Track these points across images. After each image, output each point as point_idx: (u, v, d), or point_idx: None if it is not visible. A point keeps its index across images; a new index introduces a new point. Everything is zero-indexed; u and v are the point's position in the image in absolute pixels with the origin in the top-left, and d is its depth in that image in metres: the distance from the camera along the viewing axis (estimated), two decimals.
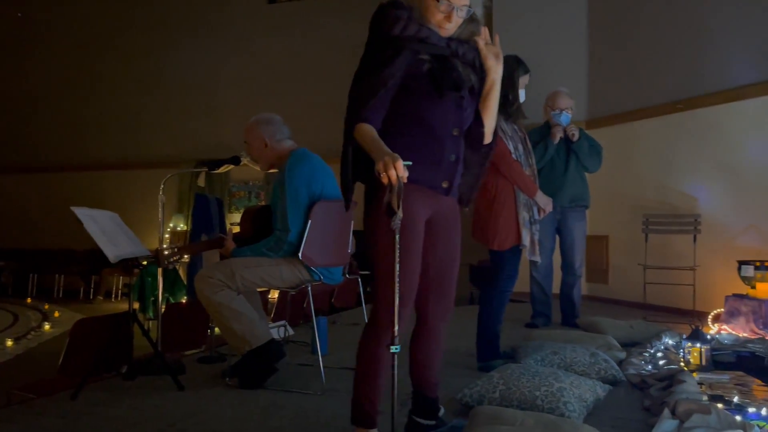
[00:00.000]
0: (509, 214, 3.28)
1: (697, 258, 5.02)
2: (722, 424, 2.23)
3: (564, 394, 2.41)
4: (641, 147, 5.89)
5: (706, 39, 5.27)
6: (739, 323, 4.37)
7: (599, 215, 6.29)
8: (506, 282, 3.33)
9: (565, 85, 4.77)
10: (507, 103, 3.29)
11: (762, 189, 4.79)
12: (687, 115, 5.42)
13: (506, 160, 3.28)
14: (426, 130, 1.99)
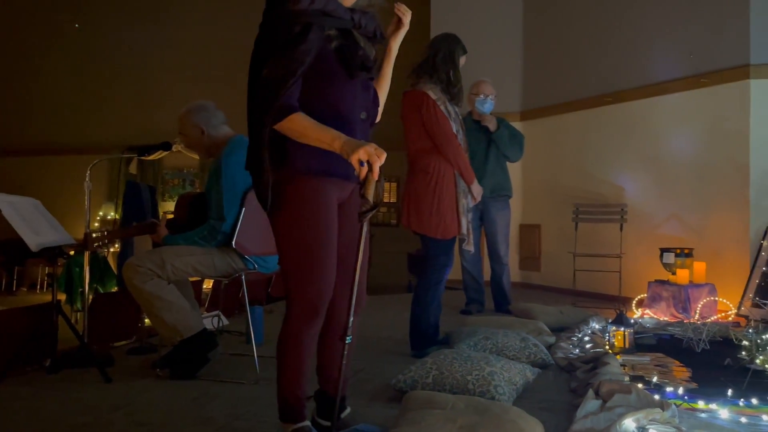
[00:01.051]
0: (451, 200, 3.22)
1: (623, 246, 5.23)
2: (642, 403, 2.34)
3: (495, 378, 2.47)
4: (572, 139, 6.08)
5: (634, 36, 5.47)
6: (660, 308, 4.59)
7: (532, 205, 6.48)
8: (441, 271, 3.30)
9: (501, 78, 4.86)
10: (449, 81, 3.27)
11: (683, 180, 5.03)
12: (615, 108, 5.63)
13: (453, 144, 3.22)
14: (336, 115, 1.85)
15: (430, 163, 3.22)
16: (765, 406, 2.45)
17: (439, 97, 3.24)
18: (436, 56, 3.28)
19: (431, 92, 3.23)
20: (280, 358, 1.91)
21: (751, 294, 4.32)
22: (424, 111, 3.20)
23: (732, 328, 3.87)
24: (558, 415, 2.39)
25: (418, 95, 3.25)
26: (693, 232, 4.94)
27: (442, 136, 3.20)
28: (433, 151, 3.23)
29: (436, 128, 3.20)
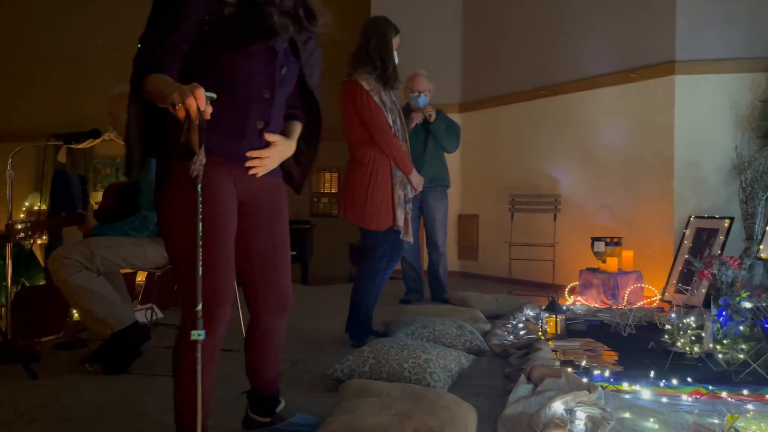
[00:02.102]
0: (386, 192, 3.22)
1: (556, 235, 5.39)
2: (570, 386, 2.43)
3: (430, 365, 2.51)
4: (509, 131, 6.20)
5: (568, 31, 5.62)
6: (591, 295, 4.76)
7: (470, 195, 6.59)
8: (380, 262, 3.30)
9: (439, 70, 4.90)
10: (384, 68, 3.24)
11: (614, 172, 5.22)
12: (550, 102, 5.77)
13: (387, 135, 3.21)
14: (228, 89, 1.64)
15: (366, 154, 3.22)
16: (684, 387, 2.58)
17: (373, 87, 3.22)
18: (368, 43, 3.26)
19: (365, 82, 3.21)
20: (175, 370, 1.71)
21: (674, 280, 4.53)
22: (358, 102, 3.19)
23: (656, 313, 4.05)
24: (492, 399, 2.45)
25: (353, 86, 3.23)
26: (622, 222, 5.14)
27: (377, 128, 3.20)
28: (369, 142, 3.23)
29: (370, 119, 3.19)
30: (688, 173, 4.72)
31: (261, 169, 1.77)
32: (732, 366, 2.81)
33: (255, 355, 1.96)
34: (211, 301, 1.64)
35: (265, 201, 1.82)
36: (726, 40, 4.65)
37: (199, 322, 1.49)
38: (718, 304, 3.36)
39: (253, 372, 2.00)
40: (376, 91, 3.23)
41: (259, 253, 1.82)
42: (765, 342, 2.93)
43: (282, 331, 1.97)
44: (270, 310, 1.88)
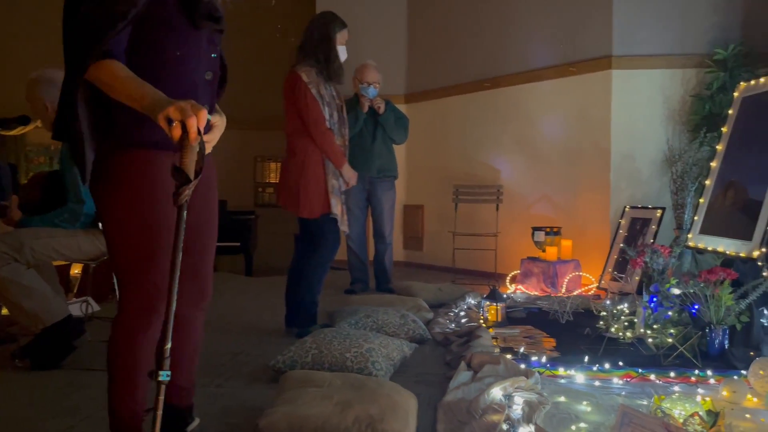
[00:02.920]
0: (318, 181, 3.27)
1: (499, 225, 5.50)
2: (509, 372, 2.49)
3: (372, 355, 2.52)
4: (453, 122, 6.27)
5: (510, 24, 5.71)
6: (531, 283, 4.88)
7: (415, 186, 6.64)
8: (332, 251, 3.33)
9: (385, 61, 4.90)
10: (327, 62, 3.27)
11: (554, 163, 5.35)
12: (492, 93, 5.86)
13: (320, 128, 3.26)
14: (175, 73, 1.58)
15: (299, 144, 3.28)
16: (616, 370, 2.68)
17: (312, 81, 3.25)
18: (312, 37, 3.30)
19: (305, 75, 3.24)
20: (111, 365, 1.63)
21: (610, 269, 4.69)
22: (296, 93, 3.24)
23: (593, 300, 4.19)
24: (432, 387, 2.49)
25: (292, 78, 3.27)
26: (561, 212, 5.28)
27: (310, 120, 3.24)
28: (303, 132, 3.28)
29: (305, 111, 3.23)
30: (624, 165, 4.88)
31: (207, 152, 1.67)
32: (661, 350, 2.93)
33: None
34: (153, 294, 1.58)
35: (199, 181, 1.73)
36: (659, 37, 4.82)
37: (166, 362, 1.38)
38: (649, 291, 3.50)
39: None
40: (315, 84, 3.26)
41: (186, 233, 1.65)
42: (692, 327, 3.07)
43: (199, 329, 1.81)
44: (188, 299, 1.71)
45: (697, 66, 4.69)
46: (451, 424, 2.07)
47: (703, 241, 3.57)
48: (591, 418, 2.17)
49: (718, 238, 3.43)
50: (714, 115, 4.43)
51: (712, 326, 2.94)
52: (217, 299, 4.46)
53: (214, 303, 4.23)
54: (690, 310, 3.12)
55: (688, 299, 3.09)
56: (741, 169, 3.46)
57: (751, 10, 4.67)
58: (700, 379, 2.62)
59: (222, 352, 3.00)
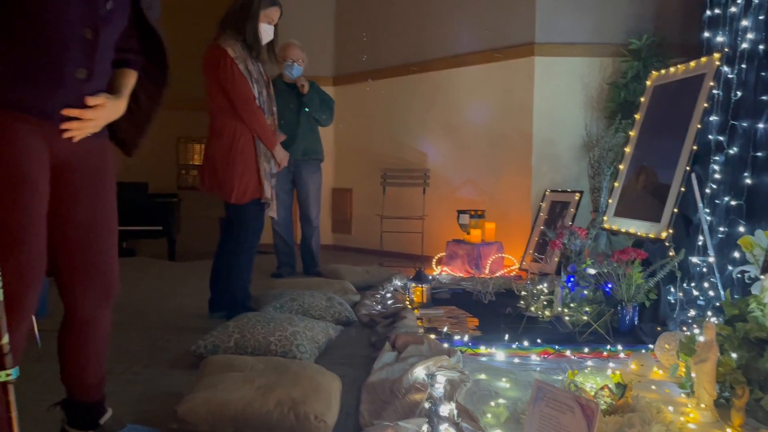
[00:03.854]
0: (249, 164, 3.09)
1: (425, 208, 5.56)
2: (432, 352, 2.54)
3: (297, 338, 2.51)
4: (381, 105, 6.27)
5: (437, 8, 5.74)
6: (456, 265, 4.98)
7: (344, 169, 6.62)
8: (256, 236, 3.20)
9: (313, 42, 4.82)
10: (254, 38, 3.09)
11: (478, 148, 5.45)
12: (419, 78, 5.90)
13: (250, 107, 3.07)
14: (34, 26, 1.34)
15: (226, 124, 3.08)
16: (534, 347, 2.78)
17: (239, 55, 3.06)
18: (236, 10, 3.11)
19: (231, 49, 3.05)
20: None
21: (531, 250, 4.84)
22: (221, 69, 3.02)
23: (514, 280, 4.32)
24: (357, 368, 2.50)
25: (217, 52, 3.06)
26: (485, 195, 5.39)
27: (239, 98, 3.05)
28: (230, 111, 3.08)
29: (233, 88, 3.03)
30: (545, 150, 5.03)
31: (79, 132, 1.47)
32: (576, 327, 3.06)
33: (72, 355, 1.64)
34: (16, 283, 1.34)
35: (86, 167, 1.53)
36: (579, 26, 4.97)
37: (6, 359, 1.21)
38: (567, 271, 3.64)
39: (70, 376, 1.66)
40: (242, 59, 3.07)
41: (78, 229, 1.53)
42: (605, 304, 3.21)
43: (106, 325, 1.66)
44: (90, 299, 1.58)
45: (614, 55, 4.87)
46: (375, 404, 2.09)
47: (617, 223, 3.74)
48: (509, 394, 2.24)
49: (631, 220, 3.59)
50: (629, 103, 4.63)
51: (623, 304, 3.09)
52: (137, 284, 4.33)
53: (134, 288, 4.12)
54: (604, 289, 3.27)
55: (602, 278, 3.23)
56: (652, 155, 3.64)
57: (663, 2, 4.89)
58: (611, 354, 2.75)
59: (140, 339, 2.91)
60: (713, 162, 3.73)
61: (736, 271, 2.98)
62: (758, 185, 3.36)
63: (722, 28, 3.82)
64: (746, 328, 2.15)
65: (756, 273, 2.62)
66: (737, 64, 3.61)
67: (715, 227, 3.63)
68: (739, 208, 3.47)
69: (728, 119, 3.63)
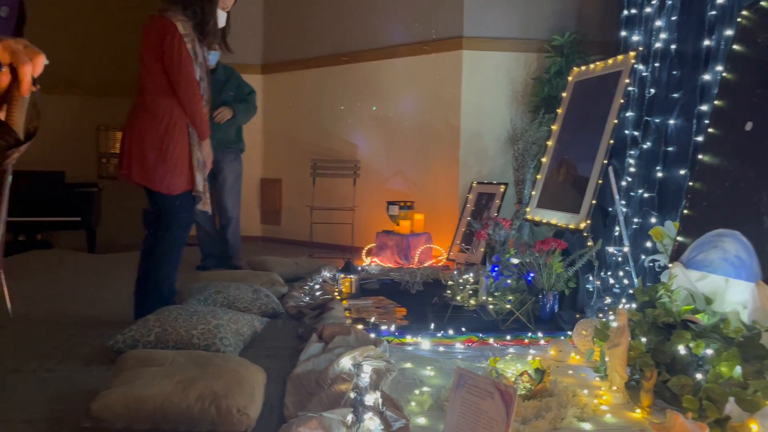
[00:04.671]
0: (184, 151, 2.85)
1: (356, 199, 5.57)
2: (359, 342, 2.55)
3: (221, 331, 2.46)
4: (311, 95, 6.21)
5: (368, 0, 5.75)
6: (386, 255, 5.01)
7: (273, 160, 6.52)
8: (186, 230, 2.99)
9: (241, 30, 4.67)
10: (204, 18, 2.85)
11: (408, 139, 5.49)
12: (350, 68, 5.88)
13: (192, 90, 2.80)
14: None
15: (161, 104, 2.81)
16: (459, 336, 2.84)
17: (188, 33, 2.81)
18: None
19: (181, 25, 2.79)
20: None
21: (458, 241, 4.93)
22: (167, 44, 2.75)
23: (442, 271, 4.39)
24: (283, 360, 2.48)
25: (165, 24, 2.77)
26: (415, 187, 5.45)
27: (182, 79, 2.80)
28: (167, 92, 2.82)
29: (177, 67, 2.77)
30: (472, 142, 5.12)
31: None
32: (500, 315, 3.15)
33: None
34: None
35: None
36: (505, 21, 5.08)
37: None
38: (491, 261, 3.74)
39: None
40: (191, 40, 2.83)
41: None
42: (527, 293, 3.32)
43: None
44: None
45: (538, 51, 5.01)
46: (300, 396, 2.07)
47: (540, 214, 3.85)
48: (434, 382, 2.28)
49: (552, 212, 3.71)
50: (552, 98, 4.77)
51: (544, 292, 3.20)
52: (53, 278, 4.13)
53: (49, 282, 3.92)
54: (526, 278, 3.37)
55: (525, 268, 3.33)
56: (572, 148, 3.77)
57: (584, 0, 5.06)
58: (532, 341, 2.84)
59: (55, 334, 2.78)
60: (629, 156, 3.90)
61: (648, 260, 3.14)
62: (669, 178, 3.54)
63: (638, 27, 3.99)
64: (655, 313, 2.26)
65: (665, 262, 2.77)
66: (651, 62, 3.79)
67: (630, 218, 3.80)
68: (652, 200, 3.66)
69: (642, 115, 3.81)
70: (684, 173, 3.41)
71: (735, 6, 3.08)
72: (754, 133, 2.30)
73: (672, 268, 2.50)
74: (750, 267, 2.10)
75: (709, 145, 2.56)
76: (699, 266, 2.37)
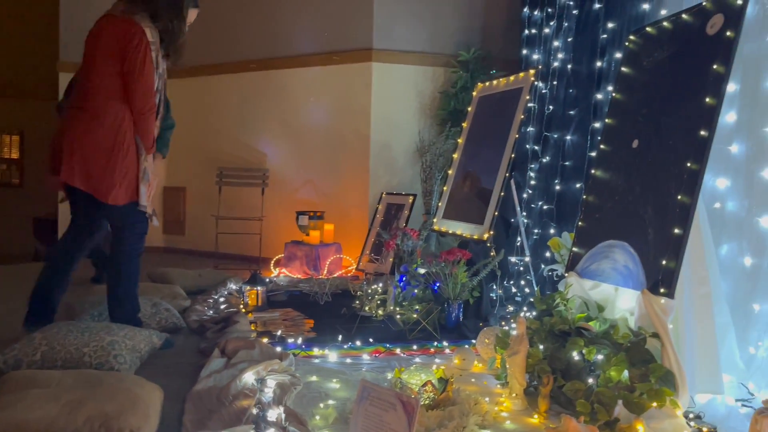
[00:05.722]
0: (132, 162, 2.68)
1: (264, 209, 5.47)
2: (264, 356, 2.49)
3: (115, 347, 2.33)
4: (219, 102, 6.06)
5: (279, 7, 5.66)
6: (295, 266, 4.95)
7: (178, 167, 6.29)
8: (141, 240, 2.78)
9: None
10: (172, 35, 2.73)
11: (318, 149, 5.47)
12: (260, 75, 5.78)
13: (148, 100, 2.65)
14: None
15: (110, 110, 2.63)
16: (366, 347, 2.84)
17: (155, 42, 2.69)
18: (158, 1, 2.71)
19: (149, 32, 2.66)
20: None
21: (368, 251, 4.95)
22: (132, 48, 2.60)
23: (351, 281, 4.39)
24: (184, 377, 2.38)
25: (132, 27, 2.62)
26: (325, 197, 5.42)
27: (140, 87, 2.63)
28: (119, 97, 2.64)
29: (138, 74, 2.62)
30: (382, 153, 5.17)
31: None
32: (407, 325, 3.18)
33: None
34: None
35: None
36: (414, 35, 5.18)
37: None
38: (400, 271, 3.77)
39: None
40: (156, 49, 2.70)
41: None
42: (434, 302, 3.37)
43: None
44: None
45: (445, 65, 5.14)
46: (200, 414, 2.00)
47: (446, 225, 3.94)
48: (339, 395, 2.26)
49: (457, 222, 3.80)
50: (458, 111, 4.90)
51: (450, 301, 3.26)
52: None
53: None
54: (432, 288, 3.43)
55: (432, 278, 3.39)
56: (477, 161, 3.88)
57: (489, 18, 5.25)
58: (437, 350, 2.89)
59: None
60: (530, 169, 4.07)
61: (546, 270, 3.27)
62: (566, 191, 3.72)
63: (538, 47, 4.18)
64: (552, 321, 2.36)
65: (562, 271, 2.89)
66: (550, 80, 3.98)
67: (531, 229, 3.96)
68: (551, 211, 3.83)
69: (542, 130, 3.99)
70: (580, 186, 3.59)
71: (624, 30, 3.29)
72: (639, 150, 2.45)
73: (567, 278, 2.62)
74: (637, 276, 2.23)
75: (600, 160, 2.71)
76: (592, 275, 2.50)
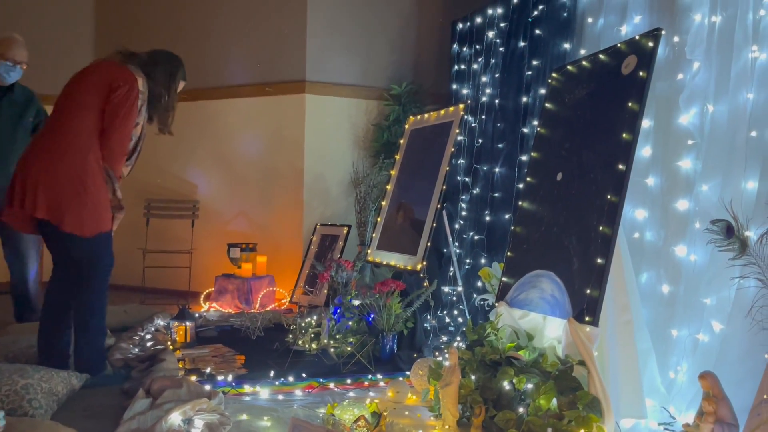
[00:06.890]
0: (103, 190, 2.73)
1: (194, 242, 5.33)
2: (191, 395, 2.40)
3: (30, 391, 2.20)
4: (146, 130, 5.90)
5: (210, 37, 5.62)
6: (226, 300, 4.83)
7: None
8: (108, 274, 2.77)
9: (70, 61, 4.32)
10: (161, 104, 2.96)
11: (250, 180, 5.40)
12: (191, 106, 5.67)
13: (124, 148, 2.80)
14: None
15: (86, 143, 2.68)
16: (299, 382, 2.79)
17: (144, 92, 2.86)
18: (156, 66, 2.94)
19: (141, 81, 2.84)
20: None
21: (302, 283, 4.90)
22: (122, 93, 2.72)
23: (284, 314, 4.32)
24: (104, 420, 2.27)
25: (126, 74, 2.78)
26: (257, 228, 5.35)
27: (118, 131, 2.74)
28: (95, 133, 2.72)
29: (122, 119, 2.73)
30: (316, 184, 5.16)
31: None
32: (341, 358, 3.14)
33: None
34: None
35: None
36: (347, 68, 5.24)
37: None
38: (334, 303, 3.74)
39: None
40: (144, 99, 2.85)
41: None
42: (368, 334, 3.35)
43: None
44: None
45: (378, 98, 5.22)
46: None
47: (380, 256, 3.95)
48: None
49: (391, 253, 3.82)
50: (391, 143, 4.97)
51: (384, 333, 3.26)
52: None
53: None
54: (367, 320, 3.41)
55: (366, 309, 3.38)
56: (410, 192, 3.93)
57: (420, 53, 5.38)
58: (372, 383, 2.87)
59: None
60: (461, 200, 4.15)
61: (478, 299, 3.32)
62: (495, 222, 3.82)
63: (467, 82, 4.32)
64: (483, 351, 2.39)
65: (492, 300, 2.95)
66: (479, 114, 4.10)
67: (463, 259, 4.03)
68: (482, 242, 3.91)
69: (472, 163, 4.09)
70: (509, 217, 3.69)
71: (547, 68, 3.44)
72: (563, 183, 2.55)
73: (498, 307, 2.66)
74: (563, 305, 2.30)
75: (527, 192, 2.80)
76: (521, 305, 2.55)
